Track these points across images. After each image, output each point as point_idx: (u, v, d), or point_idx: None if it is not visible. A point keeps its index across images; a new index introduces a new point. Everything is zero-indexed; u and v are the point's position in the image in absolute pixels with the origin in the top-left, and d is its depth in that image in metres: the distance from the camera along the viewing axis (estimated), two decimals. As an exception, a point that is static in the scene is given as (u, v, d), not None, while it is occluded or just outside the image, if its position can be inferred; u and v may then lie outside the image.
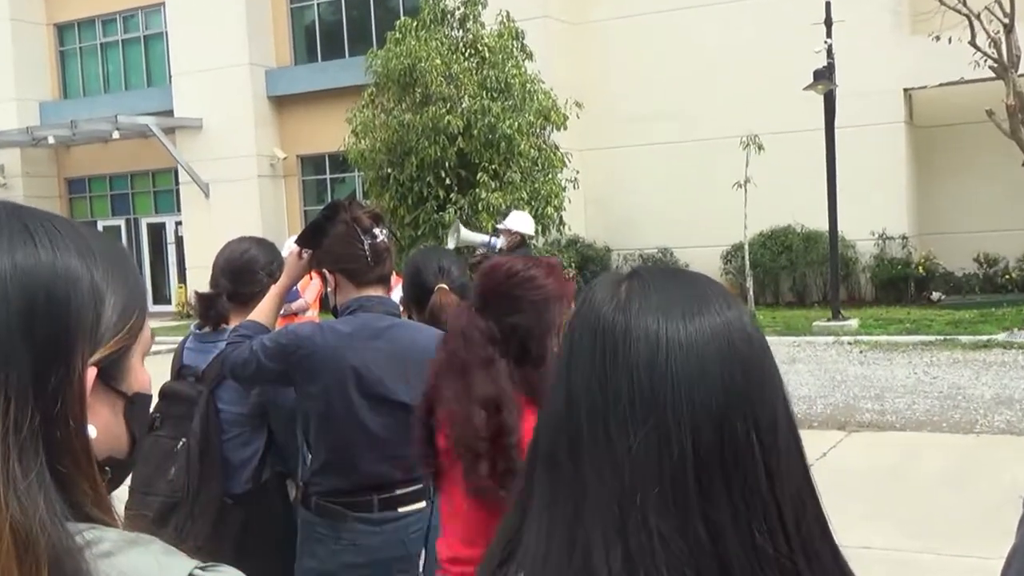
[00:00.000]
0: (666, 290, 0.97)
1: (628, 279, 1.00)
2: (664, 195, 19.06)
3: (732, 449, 0.90)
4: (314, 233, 2.91)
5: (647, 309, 0.95)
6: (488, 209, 15.27)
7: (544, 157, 16.41)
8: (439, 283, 3.11)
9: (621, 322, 0.95)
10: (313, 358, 2.71)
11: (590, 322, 0.96)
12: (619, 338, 0.94)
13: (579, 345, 0.96)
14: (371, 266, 2.82)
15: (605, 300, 0.97)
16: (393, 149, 16.24)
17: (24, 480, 0.84)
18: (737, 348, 0.94)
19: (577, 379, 0.95)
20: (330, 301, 2.92)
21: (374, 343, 2.73)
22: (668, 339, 0.93)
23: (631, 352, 0.93)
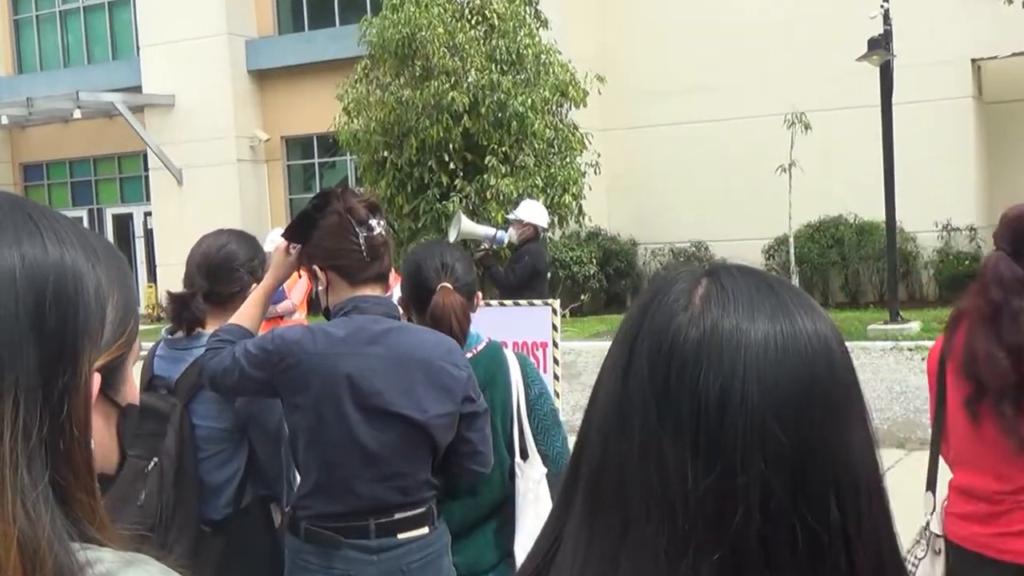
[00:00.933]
0: (750, 303, 0.95)
1: (706, 280, 0.97)
2: (698, 181, 19.05)
3: (806, 512, 0.88)
4: (302, 225, 2.93)
5: (725, 328, 0.93)
6: (498, 198, 15.29)
7: (561, 138, 16.42)
8: (442, 282, 3.12)
9: (693, 340, 0.92)
10: (302, 366, 2.73)
11: (657, 329, 0.94)
12: (689, 360, 0.91)
13: (641, 354, 0.94)
14: (367, 262, 2.84)
15: (677, 305, 0.95)
16: (390, 130, 16.28)
17: (33, 491, 0.86)
18: (822, 386, 0.92)
19: (635, 397, 0.93)
20: (321, 302, 2.94)
21: (371, 349, 2.75)
22: (746, 371, 0.90)
23: (702, 382, 0.91)
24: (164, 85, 22.37)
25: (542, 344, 7.18)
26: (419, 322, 3.15)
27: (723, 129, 18.91)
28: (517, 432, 3.20)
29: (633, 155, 19.69)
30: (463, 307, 3.08)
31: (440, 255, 3.21)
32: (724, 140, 18.83)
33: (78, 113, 22.04)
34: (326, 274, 2.88)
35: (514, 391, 3.22)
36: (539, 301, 7.39)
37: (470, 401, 2.85)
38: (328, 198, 2.89)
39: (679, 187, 19.23)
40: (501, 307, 7.25)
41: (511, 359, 3.28)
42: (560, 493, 1.00)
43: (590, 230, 18.66)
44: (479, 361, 3.15)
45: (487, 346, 3.25)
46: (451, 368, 2.80)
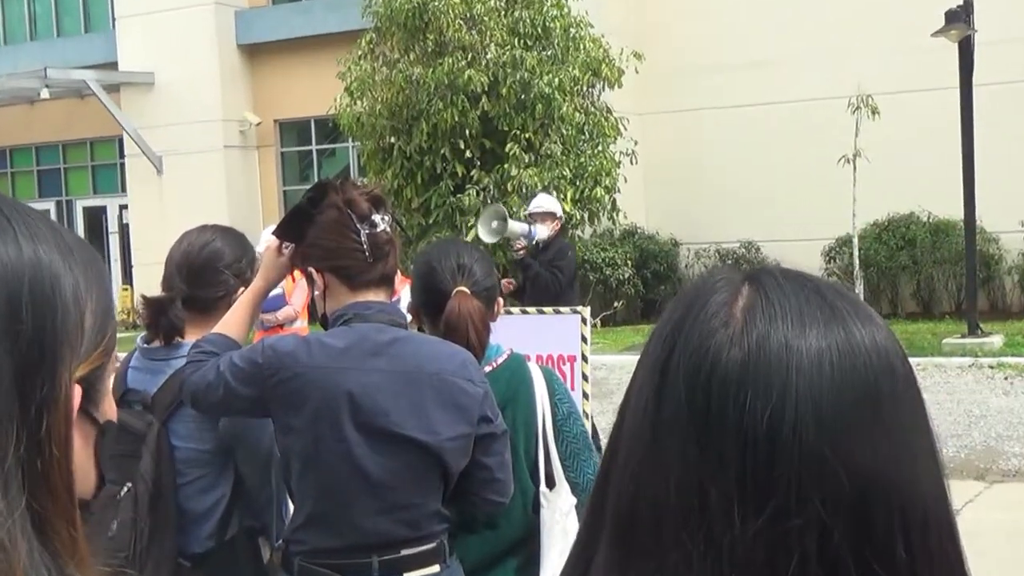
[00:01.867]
0: (800, 315, 0.94)
1: (748, 289, 0.97)
2: (749, 173, 19.02)
3: (870, 556, 0.88)
4: (296, 221, 2.93)
5: (773, 347, 0.92)
6: (519, 190, 15.32)
7: (593, 123, 16.44)
8: (458, 285, 3.12)
9: (736, 362, 0.92)
10: (296, 381, 2.73)
11: (695, 349, 0.93)
12: (732, 386, 0.91)
13: (676, 379, 0.93)
14: (370, 263, 2.84)
15: (716, 321, 0.94)
16: (398, 113, 16.33)
17: (8, 519, 0.86)
18: (885, 410, 0.91)
19: (671, 429, 0.92)
20: (318, 308, 2.94)
21: (375, 362, 2.75)
22: (799, 397, 0.89)
23: (748, 411, 0.90)
24: (143, 61, 22.51)
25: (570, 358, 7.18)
26: (431, 332, 3.15)
27: (778, 113, 18.88)
28: (542, 457, 3.19)
29: (674, 143, 19.68)
30: (481, 314, 3.08)
31: (456, 255, 3.21)
32: (779, 126, 18.80)
33: (45, 92, 22.15)
34: (323, 277, 2.89)
35: (539, 410, 3.21)
36: (566, 309, 7.39)
37: (487, 421, 2.84)
38: (325, 190, 2.90)
39: (727, 179, 19.21)
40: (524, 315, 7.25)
41: (535, 374, 3.27)
42: (581, 536, 1.00)
43: (625, 228, 18.66)
44: (499, 376, 3.14)
45: (508, 359, 3.24)
46: (466, 384, 2.80)
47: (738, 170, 19.12)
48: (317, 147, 22.68)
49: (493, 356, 3.21)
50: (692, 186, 19.53)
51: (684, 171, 19.60)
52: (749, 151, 19.05)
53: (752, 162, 19.00)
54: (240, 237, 3.45)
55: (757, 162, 18.95)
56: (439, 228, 15.70)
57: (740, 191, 19.07)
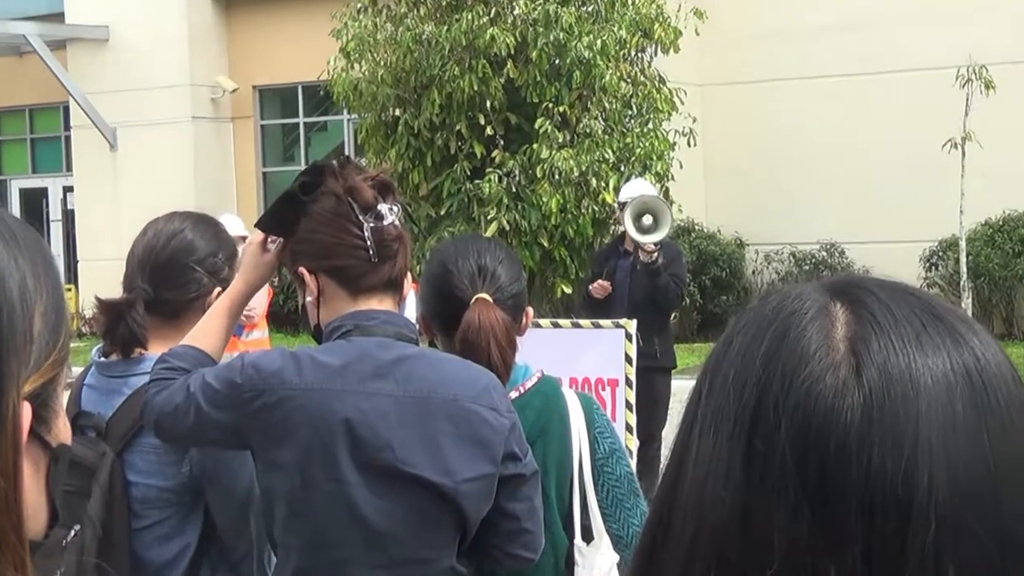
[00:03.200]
0: (919, 342, 0.94)
1: (843, 310, 0.96)
2: (832, 159, 18.96)
3: None
4: (285, 211, 2.94)
5: (899, 388, 0.91)
6: (551, 176, 15.30)
7: (642, 96, 16.41)
8: (479, 292, 3.13)
9: (856, 412, 0.91)
10: (283, 407, 2.74)
11: (799, 400, 0.92)
12: (854, 444, 0.90)
13: (776, 436, 0.92)
14: (374, 265, 2.85)
15: (820, 358, 0.94)
16: (404, 79, 16.35)
17: None
18: (1021, 450, 0.92)
19: (773, 498, 0.91)
20: (310, 318, 2.95)
21: (378, 385, 2.76)
22: (933, 449, 0.89)
23: (876, 474, 0.89)
24: (94, 13, 22.59)
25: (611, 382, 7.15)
26: (445, 348, 3.15)
27: (870, 87, 18.82)
28: (578, 504, 3.19)
29: (742, 121, 19.64)
30: (507, 328, 3.08)
31: (476, 255, 3.21)
32: (871, 102, 18.74)
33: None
34: (317, 280, 2.89)
35: (575, 446, 3.21)
36: (608, 322, 7.36)
37: (515, 459, 2.84)
38: (321, 174, 2.91)
39: (805, 166, 19.16)
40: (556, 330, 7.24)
41: (571, 401, 3.27)
42: None
43: (680, 224, 18.61)
44: (527, 403, 3.14)
45: (538, 383, 3.24)
46: (489, 413, 2.80)
47: (819, 155, 19.06)
48: (305, 120, 22.73)
49: (520, 379, 3.21)
50: (762, 174, 19.48)
51: (753, 156, 19.56)
52: (833, 132, 18.99)
53: (837, 146, 18.95)
54: (216, 228, 3.46)
55: (843, 146, 18.89)
56: (452, 221, 15.71)
57: (821, 181, 19.01)
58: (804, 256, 19.01)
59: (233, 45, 22.70)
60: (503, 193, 15.33)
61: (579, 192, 15.35)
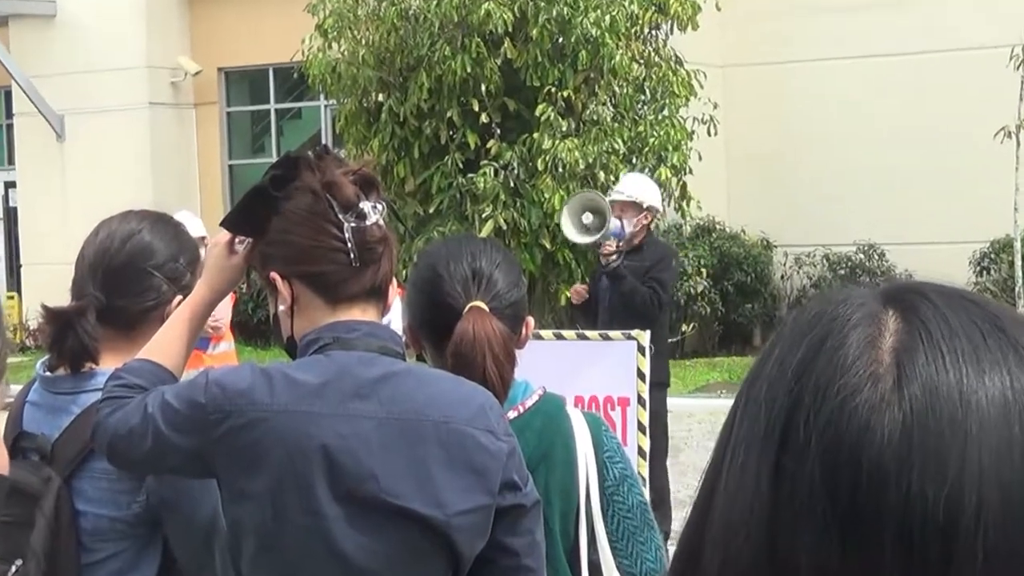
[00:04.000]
0: (975, 356, 0.94)
1: (895, 318, 0.97)
2: (870, 150, 18.94)
3: None
4: (256, 208, 2.94)
5: (947, 405, 0.92)
6: (554, 169, 15.31)
7: (657, 79, 16.42)
8: (473, 300, 3.13)
9: (896, 430, 0.91)
10: (253, 431, 2.74)
11: (832, 413, 0.93)
12: (892, 464, 0.91)
13: (806, 452, 0.93)
14: (357, 269, 2.84)
15: (859, 369, 0.94)
16: (388, 61, 16.36)
17: None
18: None
19: (800, 522, 0.92)
20: (283, 329, 2.94)
21: (360, 406, 2.75)
22: (983, 475, 0.90)
23: (915, 499, 0.90)
24: (41, -14, 22.60)
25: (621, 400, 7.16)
26: (435, 363, 3.15)
27: (913, 69, 18.82)
28: (586, 537, 3.19)
29: (769, 107, 19.63)
30: (504, 340, 3.08)
31: (470, 257, 3.22)
32: (914, 86, 18.74)
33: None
34: (291, 287, 2.89)
35: (581, 473, 3.21)
36: (618, 333, 7.37)
37: (514, 489, 2.83)
38: (296, 166, 2.90)
39: (840, 159, 19.14)
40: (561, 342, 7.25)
41: (577, 423, 3.27)
42: None
43: (699, 223, 18.65)
44: (527, 425, 3.15)
45: (540, 402, 3.24)
46: (485, 437, 2.79)
47: (856, 146, 19.04)
48: (277, 106, 22.74)
49: (519, 397, 3.21)
50: (792, 167, 19.47)
51: (781, 146, 19.54)
52: (872, 120, 18.98)
53: (876, 135, 18.93)
54: (177, 229, 3.47)
55: (883, 135, 18.88)
56: (443, 220, 15.71)
57: (859, 175, 18.99)
58: (839, 259, 19.00)
59: (196, 22, 22.71)
60: (500, 188, 15.33)
61: (585, 187, 15.32)
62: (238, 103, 23.17)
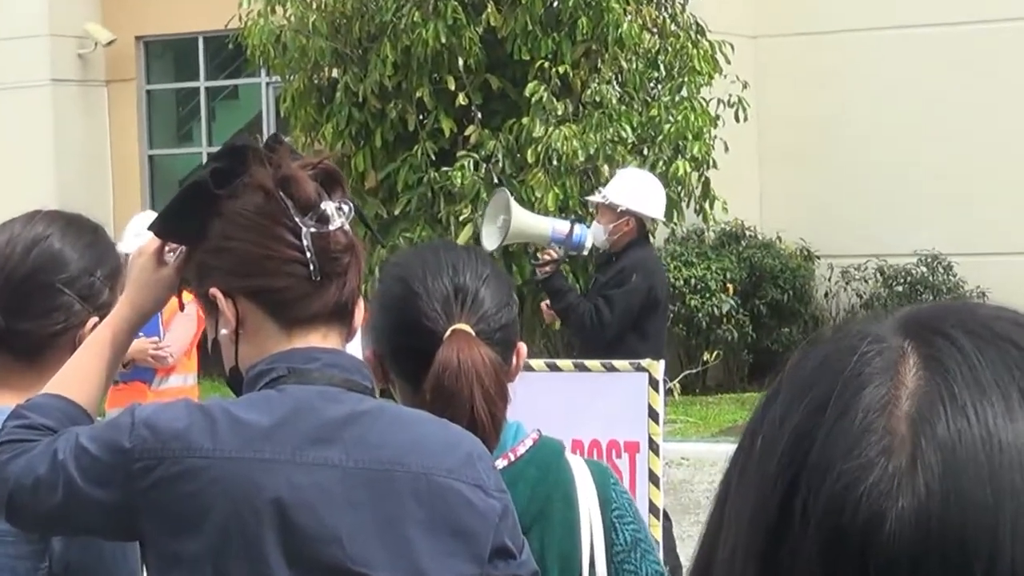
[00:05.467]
0: (1005, 406, 0.93)
1: (914, 359, 0.97)
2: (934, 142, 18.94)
3: None
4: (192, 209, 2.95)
5: (973, 485, 0.91)
6: (547, 162, 15.29)
7: (674, 52, 16.43)
8: (455, 323, 3.14)
9: (909, 520, 0.91)
10: (189, 482, 2.74)
11: (832, 497, 0.93)
12: (902, 557, 0.90)
13: (803, 543, 0.93)
14: (317, 285, 2.85)
15: (869, 439, 0.94)
16: (344, 29, 16.35)
17: None
18: None
19: None
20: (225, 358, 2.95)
21: (322, 452, 2.76)
22: (1015, 563, 0.89)
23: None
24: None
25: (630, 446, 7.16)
26: (406, 400, 3.16)
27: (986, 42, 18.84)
28: (591, 613, 3.20)
29: (811, 86, 19.62)
30: (495, 371, 3.10)
31: (451, 270, 3.23)
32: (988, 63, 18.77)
33: None
34: (235, 306, 2.89)
35: (584, 535, 3.23)
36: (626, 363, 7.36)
37: (506, 556, 2.85)
38: (242, 158, 2.91)
39: (897, 151, 19.13)
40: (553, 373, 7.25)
41: (580, 473, 3.29)
42: None
43: (725, 229, 18.65)
44: (520, 476, 3.16)
45: (535, 448, 3.26)
46: (472, 492, 2.80)
47: (917, 136, 19.04)
48: (207, 84, 22.70)
49: (510, 443, 3.23)
50: (839, 161, 19.46)
51: (826, 135, 19.54)
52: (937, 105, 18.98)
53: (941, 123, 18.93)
54: (95, 235, 3.47)
55: (950, 124, 18.89)
56: (411, 224, 15.70)
57: (920, 171, 18.99)
58: (896, 273, 18.96)
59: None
60: (481, 185, 15.29)
61: (586, 183, 15.31)
62: (160, 80, 23.15)
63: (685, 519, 10.73)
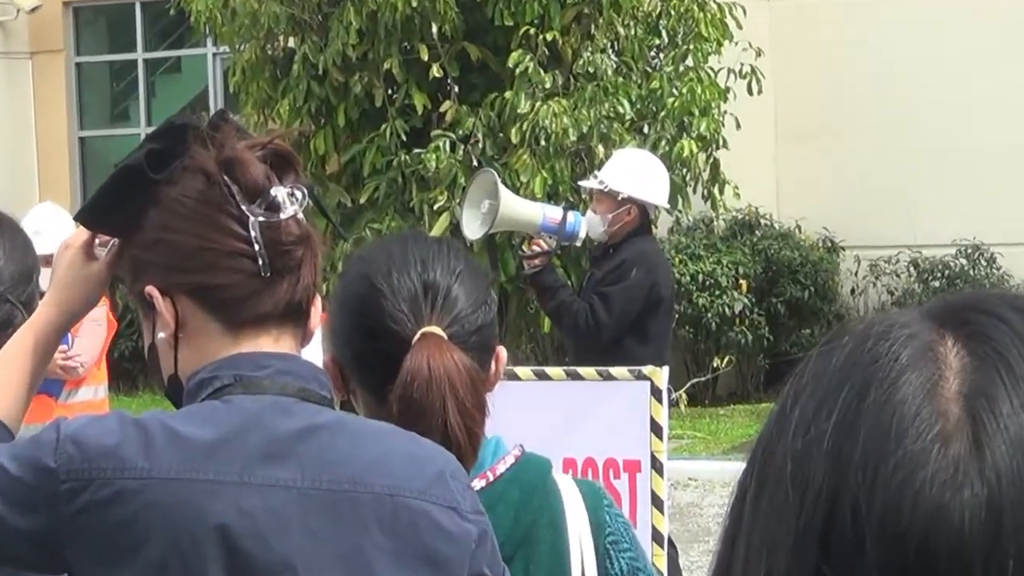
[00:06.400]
0: None
1: (954, 347, 0.98)
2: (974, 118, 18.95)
3: None
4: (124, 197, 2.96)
5: None
6: (534, 141, 15.29)
7: (678, 16, 16.44)
8: (425, 324, 3.15)
9: (978, 506, 0.92)
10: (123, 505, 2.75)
11: (888, 499, 0.94)
12: (979, 553, 0.91)
13: (854, 551, 0.94)
14: (267, 281, 2.86)
15: (915, 427, 0.95)
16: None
17: None
18: None
19: None
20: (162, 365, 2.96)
21: (273, 471, 2.77)
22: None
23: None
24: None
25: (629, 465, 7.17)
26: (370, 413, 3.18)
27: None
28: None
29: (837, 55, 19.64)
30: (472, 379, 3.11)
31: (419, 265, 3.25)
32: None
33: None
34: (174, 306, 2.90)
35: (575, 564, 3.24)
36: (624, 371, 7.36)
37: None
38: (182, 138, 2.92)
39: (931, 129, 19.15)
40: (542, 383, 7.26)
41: (569, 495, 3.31)
42: None
43: (737, 217, 18.69)
44: (501, 499, 3.18)
45: (518, 466, 3.27)
46: (444, 515, 2.81)
47: (954, 112, 19.07)
48: (146, 56, 22.71)
49: (489, 460, 3.24)
50: (867, 139, 19.48)
51: (852, 110, 19.57)
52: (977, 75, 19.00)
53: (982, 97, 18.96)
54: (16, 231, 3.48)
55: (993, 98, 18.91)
56: (379, 213, 15.70)
57: (958, 151, 19.01)
58: (932, 266, 18.97)
59: (32, -65, 22.71)
60: (458, 169, 15.28)
61: (578, 166, 15.31)
62: (92, 51, 23.16)
63: (693, 548, 10.75)
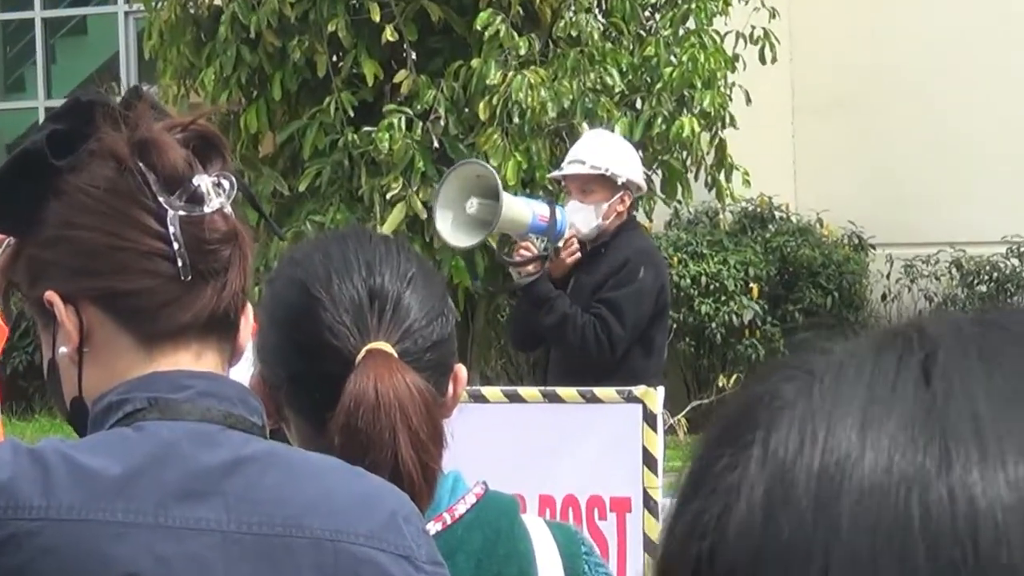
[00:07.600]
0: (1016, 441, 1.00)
1: (923, 365, 1.04)
2: None
3: None
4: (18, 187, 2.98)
5: None
6: (507, 118, 15.30)
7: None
8: (371, 339, 3.19)
9: None
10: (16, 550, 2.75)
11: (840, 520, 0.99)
12: None
13: None
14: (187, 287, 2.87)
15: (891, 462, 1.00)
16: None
17: None
18: None
19: None
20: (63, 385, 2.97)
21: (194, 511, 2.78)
22: None
23: None
24: None
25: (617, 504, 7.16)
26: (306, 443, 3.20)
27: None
28: None
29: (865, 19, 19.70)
30: (427, 405, 3.13)
31: (364, 268, 3.29)
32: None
33: None
34: (79, 316, 2.91)
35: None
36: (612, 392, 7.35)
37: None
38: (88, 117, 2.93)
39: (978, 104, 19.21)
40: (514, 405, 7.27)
41: (540, 541, 3.34)
42: None
43: (747, 208, 18.73)
44: (460, 545, 3.21)
45: (480, 506, 3.30)
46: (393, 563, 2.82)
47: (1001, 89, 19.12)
48: (45, 14, 22.73)
49: (447, 499, 3.27)
50: (899, 118, 19.54)
51: (882, 84, 19.63)
52: None
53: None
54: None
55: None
56: (321, 203, 15.72)
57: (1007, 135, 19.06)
58: (977, 266, 19.01)
59: None
60: (416, 150, 15.27)
61: (558, 148, 15.29)
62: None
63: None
